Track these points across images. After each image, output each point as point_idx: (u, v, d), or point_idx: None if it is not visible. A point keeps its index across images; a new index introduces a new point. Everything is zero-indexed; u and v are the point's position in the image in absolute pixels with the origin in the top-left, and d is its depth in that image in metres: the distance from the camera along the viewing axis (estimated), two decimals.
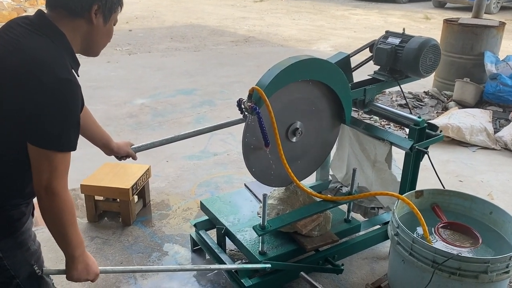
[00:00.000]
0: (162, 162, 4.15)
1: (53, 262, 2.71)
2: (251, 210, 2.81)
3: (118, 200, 3.22)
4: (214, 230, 2.85)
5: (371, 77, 2.91)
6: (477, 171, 4.16)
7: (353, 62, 2.72)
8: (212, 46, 9.00)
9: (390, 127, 4.92)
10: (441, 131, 2.67)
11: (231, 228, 2.64)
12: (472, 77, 5.57)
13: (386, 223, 2.81)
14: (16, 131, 1.37)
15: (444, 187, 2.61)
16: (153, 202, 3.55)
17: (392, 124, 4.90)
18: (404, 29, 2.92)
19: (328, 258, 2.62)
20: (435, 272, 2.04)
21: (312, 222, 2.53)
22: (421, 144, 2.52)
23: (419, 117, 2.59)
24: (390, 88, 3.05)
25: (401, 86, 2.88)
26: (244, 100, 2.26)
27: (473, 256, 2.16)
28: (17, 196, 1.49)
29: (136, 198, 3.34)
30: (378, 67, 2.90)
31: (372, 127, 2.83)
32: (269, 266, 2.37)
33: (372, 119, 4.99)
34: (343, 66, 2.57)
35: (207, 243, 2.76)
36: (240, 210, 2.81)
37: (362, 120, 3.09)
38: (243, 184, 3.13)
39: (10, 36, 1.40)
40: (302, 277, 2.33)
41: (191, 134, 2.44)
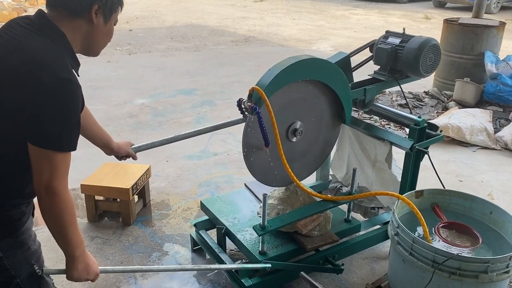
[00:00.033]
0: (162, 162, 4.15)
1: (53, 262, 2.72)
2: (251, 210, 2.81)
3: (118, 200, 3.22)
4: (214, 230, 2.85)
5: (371, 77, 2.91)
6: (477, 171, 4.16)
7: (353, 62, 2.72)
8: (212, 46, 9.00)
9: (390, 127, 4.92)
10: (441, 131, 2.67)
11: (231, 228, 2.64)
12: (472, 77, 5.57)
13: (386, 223, 2.81)
14: (16, 131, 1.37)
15: (444, 187, 2.61)
16: (153, 202, 3.55)
17: (392, 124, 4.90)
18: (404, 29, 2.92)
19: (328, 258, 2.62)
20: (435, 272, 2.05)
21: (312, 222, 2.53)
22: (421, 144, 2.52)
23: (419, 117, 2.59)
24: (390, 88, 3.05)
25: (401, 86, 2.88)
26: (244, 100, 2.26)
27: (473, 256, 2.16)
28: (17, 196, 1.49)
29: (136, 198, 3.34)
30: (378, 67, 2.90)
31: (372, 127, 2.83)
32: (269, 266, 2.37)
33: (372, 119, 4.99)
34: (343, 66, 2.57)
35: (207, 243, 2.76)
36: (240, 210, 2.81)
37: (362, 120, 3.09)
38: (243, 184, 3.13)
39: (10, 35, 1.40)
40: (302, 277, 2.33)
41: (191, 134, 2.44)
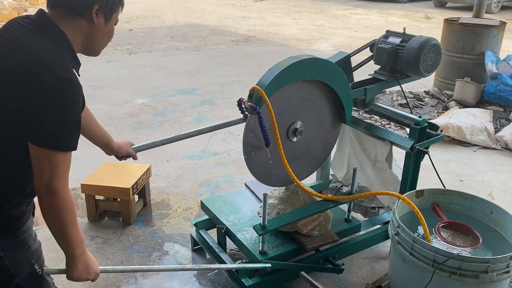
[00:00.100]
0: (162, 161, 4.15)
1: (53, 262, 2.72)
2: (252, 209, 2.81)
3: (119, 199, 3.22)
4: (215, 230, 2.85)
5: (372, 76, 2.90)
6: (477, 171, 4.15)
7: (353, 61, 2.72)
8: (212, 46, 8.99)
9: (390, 127, 4.92)
10: (441, 131, 2.67)
11: (232, 227, 2.64)
12: (472, 76, 5.57)
13: (387, 223, 2.81)
14: (16, 131, 1.37)
15: (444, 187, 2.61)
16: (153, 201, 3.55)
17: (392, 123, 4.90)
18: (404, 28, 2.91)
19: (328, 258, 2.62)
20: (436, 271, 2.05)
21: (312, 222, 2.53)
22: (421, 143, 2.52)
23: (420, 116, 2.58)
24: (390, 87, 3.04)
25: (401, 85, 2.88)
26: (244, 99, 2.26)
27: (473, 256, 2.16)
28: (17, 195, 1.49)
29: (136, 197, 3.34)
30: (379, 67, 2.90)
31: (372, 127, 2.83)
32: (269, 265, 2.37)
33: (372, 119, 4.99)
34: (344, 65, 2.57)
35: (208, 243, 2.76)
36: (240, 209, 2.81)
37: (363, 119, 3.09)
38: (244, 183, 3.13)
39: (11, 35, 1.40)
40: (303, 276, 2.33)
41: (192, 134, 2.44)
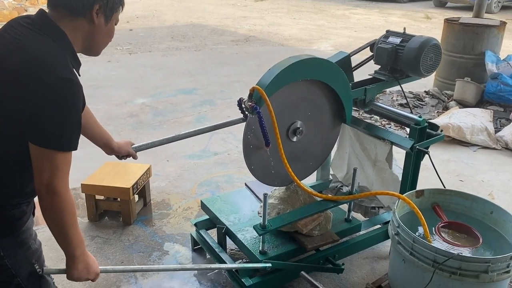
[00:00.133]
0: (162, 161, 4.15)
1: (53, 262, 2.72)
2: (252, 209, 2.81)
3: (119, 199, 3.22)
4: (215, 230, 2.85)
5: (372, 76, 2.90)
6: (477, 171, 4.15)
7: (353, 61, 2.72)
8: (212, 46, 8.99)
9: (390, 127, 4.92)
10: (441, 131, 2.67)
11: (232, 227, 2.64)
12: (472, 76, 5.57)
13: (387, 223, 2.81)
14: (16, 131, 1.37)
15: (444, 187, 2.61)
16: (153, 201, 3.55)
17: (392, 123, 4.90)
18: (404, 28, 2.91)
19: (328, 258, 2.62)
20: (436, 271, 2.04)
21: (312, 222, 2.53)
22: (421, 143, 2.52)
23: (420, 116, 2.58)
24: (390, 87, 3.04)
25: (401, 85, 2.88)
26: (244, 99, 2.26)
27: (473, 255, 2.16)
28: (17, 195, 1.49)
29: (136, 197, 3.34)
30: (379, 67, 2.90)
31: (372, 127, 2.83)
32: (269, 265, 2.37)
33: (372, 119, 4.98)
34: (344, 65, 2.57)
35: (208, 243, 2.76)
36: (240, 209, 2.81)
37: (363, 119, 3.09)
38: (244, 183, 3.13)
39: (11, 35, 1.40)
40: (303, 276, 2.33)
41: (192, 134, 2.44)
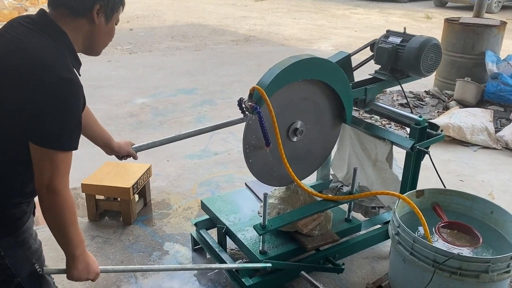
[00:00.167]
0: (162, 161, 4.15)
1: (54, 261, 2.72)
2: (252, 209, 2.81)
3: (119, 199, 3.22)
4: (215, 229, 2.85)
5: (372, 76, 2.90)
6: (478, 171, 4.15)
7: (354, 61, 2.72)
8: (212, 45, 8.99)
9: (391, 127, 4.92)
10: (442, 131, 2.67)
11: (232, 227, 2.64)
12: (473, 76, 5.57)
13: (387, 223, 2.81)
14: (16, 131, 1.37)
15: (445, 187, 2.61)
16: (153, 201, 3.55)
17: (393, 123, 4.89)
18: (405, 28, 2.91)
19: (328, 258, 2.62)
20: (436, 271, 2.04)
21: (312, 222, 2.53)
22: (422, 143, 2.52)
23: (420, 116, 2.58)
24: (391, 87, 3.04)
25: (402, 85, 2.88)
26: (244, 99, 2.26)
27: (474, 255, 2.17)
28: (18, 195, 1.49)
29: (136, 197, 3.34)
30: (379, 67, 2.90)
31: (373, 127, 2.83)
32: (269, 265, 2.37)
33: (373, 119, 4.98)
34: (344, 65, 2.57)
35: (208, 242, 2.76)
36: (240, 209, 2.81)
37: (363, 119, 3.09)
38: (244, 183, 3.13)
39: (12, 35, 1.40)
40: (303, 276, 2.33)
41: (192, 134, 2.44)
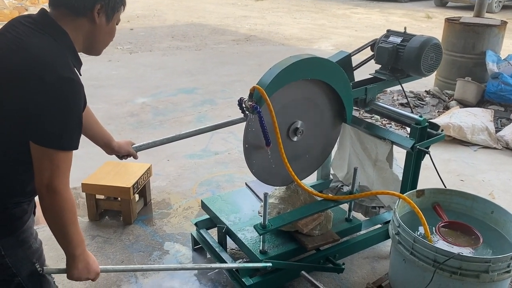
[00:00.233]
0: (163, 161, 4.15)
1: (54, 261, 2.72)
2: (252, 209, 2.81)
3: (119, 199, 3.22)
4: (215, 229, 2.85)
5: (373, 76, 2.90)
6: (478, 171, 4.15)
7: (354, 61, 2.72)
8: (213, 45, 8.99)
9: (391, 126, 4.92)
10: (442, 130, 2.66)
11: (232, 227, 2.64)
12: (473, 76, 5.56)
13: (387, 222, 2.81)
14: (16, 131, 1.37)
15: (445, 186, 2.61)
16: (154, 201, 3.55)
17: (393, 123, 4.89)
18: (405, 28, 2.91)
19: (329, 257, 2.62)
20: (436, 271, 2.04)
21: (313, 221, 2.53)
22: (422, 143, 2.52)
23: (421, 116, 2.58)
24: (391, 87, 3.04)
25: (402, 85, 2.88)
26: (245, 99, 2.26)
27: (474, 255, 2.16)
28: (18, 194, 1.49)
29: (137, 197, 3.34)
30: (379, 66, 2.90)
31: (373, 126, 2.83)
32: (270, 265, 2.37)
33: (373, 118, 4.98)
34: (344, 65, 2.57)
35: (208, 242, 2.76)
36: (241, 209, 2.81)
37: (363, 119, 3.09)
38: (244, 183, 3.13)
39: (13, 34, 1.40)
40: (303, 276, 2.33)
41: (192, 133, 2.44)
